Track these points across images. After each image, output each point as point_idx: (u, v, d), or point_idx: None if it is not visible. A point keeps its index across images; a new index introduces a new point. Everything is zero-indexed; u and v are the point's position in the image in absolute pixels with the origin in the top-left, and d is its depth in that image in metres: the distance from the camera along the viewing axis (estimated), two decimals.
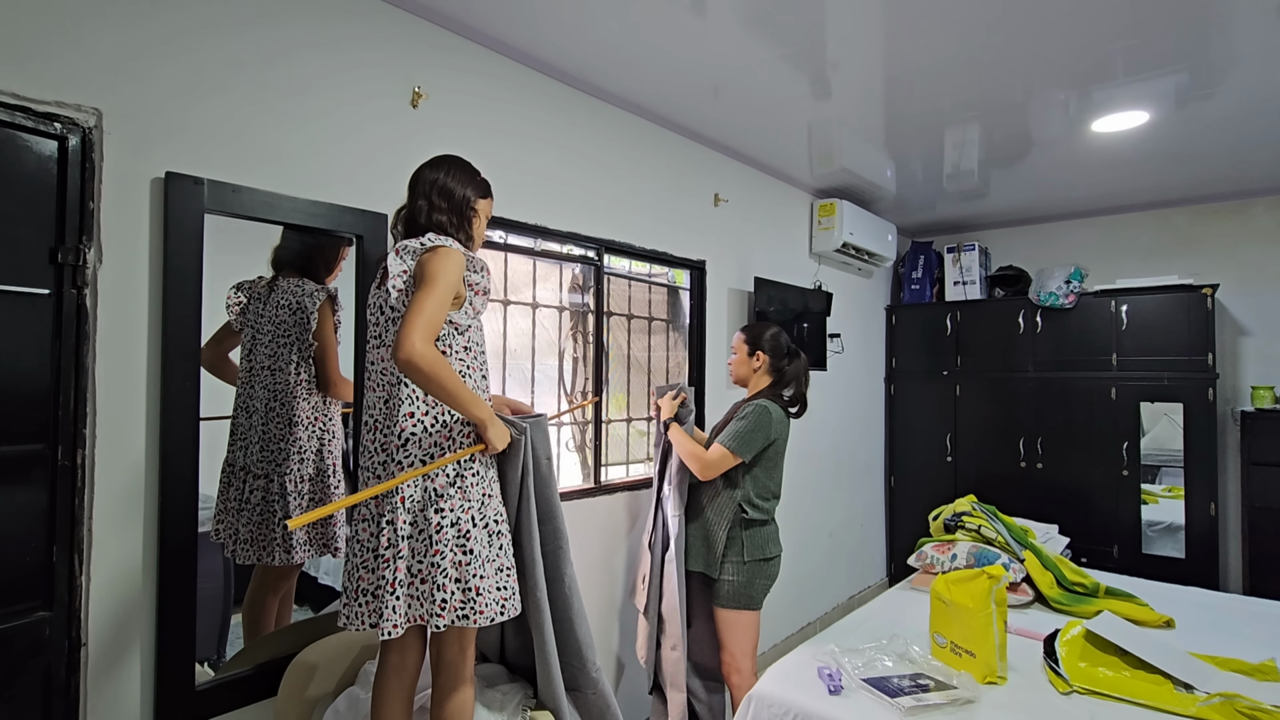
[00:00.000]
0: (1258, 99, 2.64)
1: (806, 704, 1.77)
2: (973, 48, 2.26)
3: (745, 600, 2.33)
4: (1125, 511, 3.92)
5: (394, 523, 1.40)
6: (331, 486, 1.81)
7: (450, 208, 1.54)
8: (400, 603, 1.39)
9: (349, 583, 1.46)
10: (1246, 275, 3.99)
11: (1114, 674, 1.86)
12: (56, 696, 1.38)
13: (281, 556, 1.75)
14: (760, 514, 2.35)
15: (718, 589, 2.35)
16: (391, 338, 1.45)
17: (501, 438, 1.49)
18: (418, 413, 1.44)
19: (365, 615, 1.43)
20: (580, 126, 2.55)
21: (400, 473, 1.43)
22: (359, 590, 1.44)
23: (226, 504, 1.69)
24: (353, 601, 1.44)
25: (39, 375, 1.36)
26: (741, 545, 2.33)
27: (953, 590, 1.95)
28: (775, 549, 2.38)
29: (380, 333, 1.50)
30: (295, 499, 1.74)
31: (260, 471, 1.72)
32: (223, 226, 1.61)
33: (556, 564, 1.71)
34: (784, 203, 3.73)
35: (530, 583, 1.61)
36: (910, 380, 4.75)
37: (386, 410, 1.46)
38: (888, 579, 4.84)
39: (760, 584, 2.34)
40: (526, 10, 2.05)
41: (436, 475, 1.43)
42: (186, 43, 1.57)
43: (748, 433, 2.30)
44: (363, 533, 1.46)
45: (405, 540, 1.41)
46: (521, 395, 2.57)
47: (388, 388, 1.47)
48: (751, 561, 2.32)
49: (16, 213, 1.34)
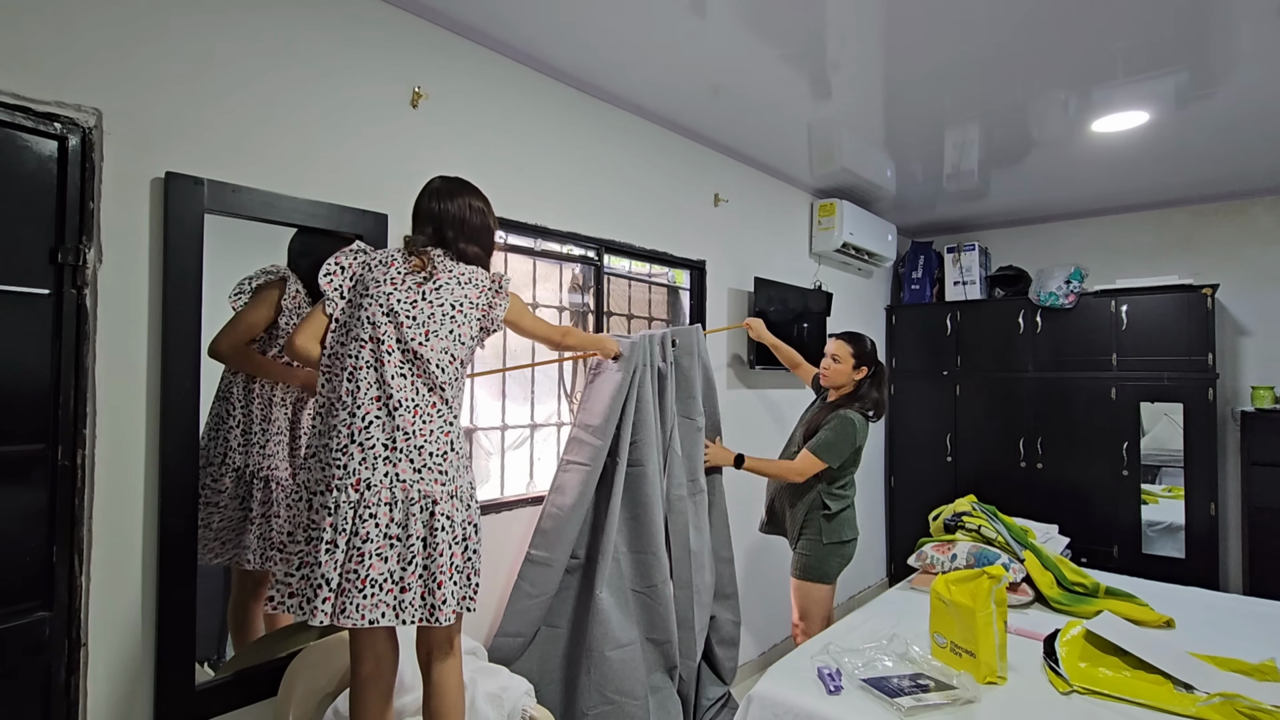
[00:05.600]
0: (1258, 99, 2.64)
1: (806, 704, 1.77)
2: (973, 48, 2.26)
3: (819, 575, 2.58)
4: (1125, 511, 3.92)
5: (435, 515, 1.42)
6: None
7: (483, 249, 1.66)
8: (416, 596, 1.39)
9: (343, 569, 1.36)
10: (1246, 275, 3.99)
11: (1114, 674, 1.86)
12: (56, 696, 1.38)
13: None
14: (839, 502, 2.60)
15: (794, 561, 2.65)
16: (448, 331, 1.51)
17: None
18: (444, 407, 1.51)
19: (373, 607, 1.35)
20: (580, 126, 2.55)
21: (438, 454, 1.45)
22: (367, 580, 1.35)
23: (233, 514, 1.67)
24: (356, 592, 1.35)
25: (39, 375, 1.36)
26: (819, 528, 2.58)
27: (953, 590, 1.94)
28: (850, 533, 2.61)
29: (436, 327, 1.50)
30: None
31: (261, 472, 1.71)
32: (223, 227, 1.61)
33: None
34: (784, 203, 3.73)
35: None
36: (910, 380, 4.75)
37: (426, 396, 1.48)
38: (888, 579, 4.84)
39: (835, 562, 2.59)
40: (527, 10, 2.05)
41: (456, 477, 1.48)
42: (186, 43, 1.57)
43: (834, 443, 2.53)
44: (383, 518, 1.38)
45: (445, 534, 1.42)
46: (521, 395, 2.57)
47: (429, 375, 1.48)
48: (829, 544, 2.57)
49: (16, 213, 1.34)
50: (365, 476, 1.39)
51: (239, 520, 1.68)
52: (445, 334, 1.50)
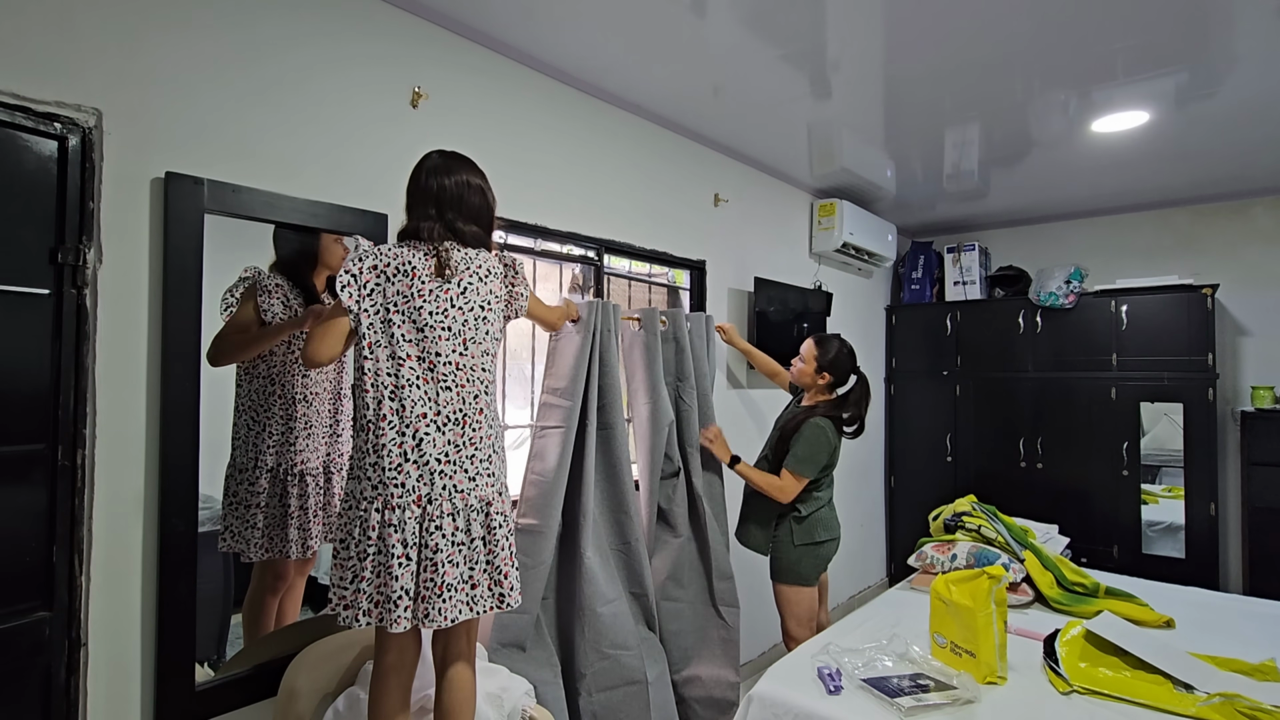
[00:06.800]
0: (1258, 99, 2.64)
1: (806, 704, 1.77)
2: (972, 48, 2.26)
3: (794, 577, 2.56)
4: (1125, 511, 3.92)
5: (491, 515, 1.51)
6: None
7: (483, 228, 1.62)
8: (485, 590, 1.48)
9: (419, 579, 1.42)
10: (1246, 275, 3.99)
11: (1114, 674, 1.86)
12: (56, 696, 1.38)
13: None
14: (811, 505, 2.57)
15: (771, 566, 2.63)
16: (483, 334, 1.55)
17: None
18: (488, 410, 1.57)
19: (452, 608, 1.43)
20: (580, 126, 2.55)
21: (486, 458, 1.53)
22: (444, 585, 1.42)
23: (275, 512, 1.73)
24: (435, 598, 1.41)
25: (39, 375, 1.36)
26: (790, 530, 2.56)
27: (953, 590, 1.94)
28: (825, 534, 2.58)
29: (471, 333, 1.53)
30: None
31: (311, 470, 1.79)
32: (223, 227, 1.61)
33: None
34: (784, 203, 3.73)
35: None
36: (910, 380, 4.75)
37: (472, 405, 1.53)
38: (888, 579, 4.84)
39: (809, 563, 2.56)
40: (527, 10, 2.05)
41: (501, 474, 1.57)
42: (187, 43, 1.57)
43: (810, 456, 2.51)
44: (448, 528, 1.45)
45: (501, 530, 1.52)
46: (521, 395, 2.57)
47: (472, 383, 1.53)
48: (801, 545, 2.55)
49: (16, 213, 1.34)
50: (425, 492, 1.45)
51: (280, 517, 1.74)
52: (481, 337, 1.55)
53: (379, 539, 1.42)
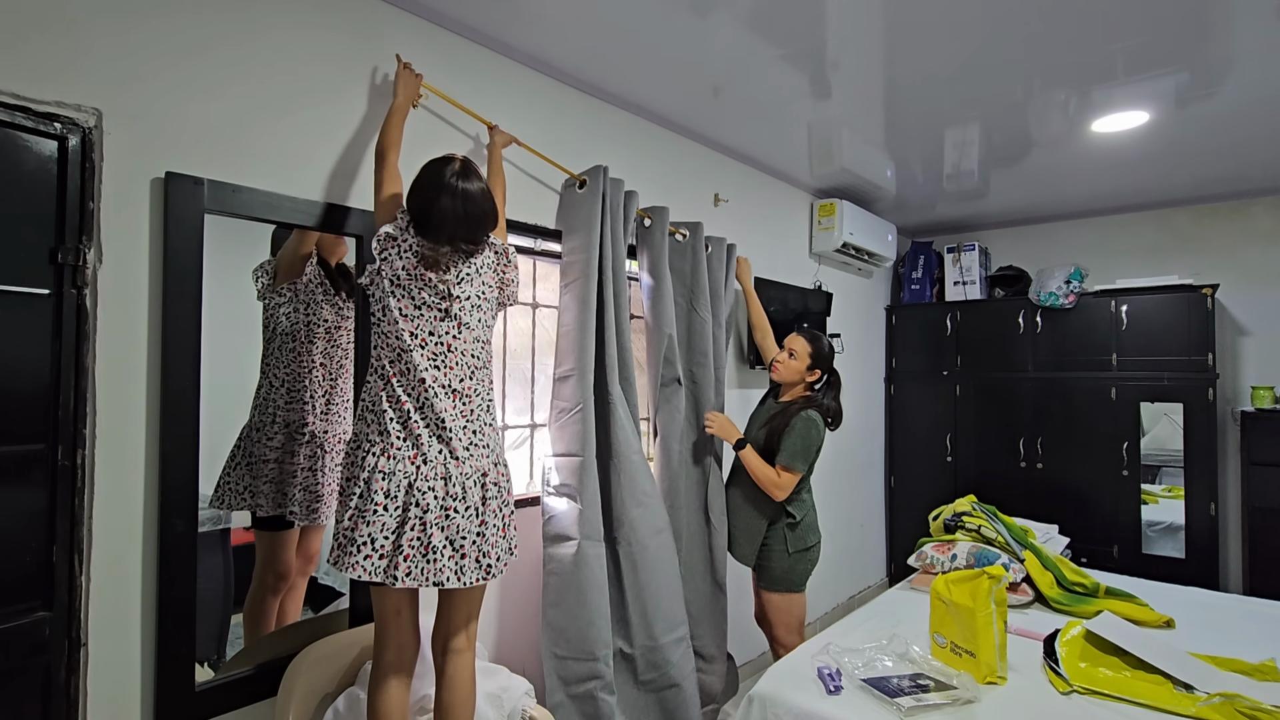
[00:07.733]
0: (1258, 99, 2.64)
1: (806, 704, 1.77)
2: (973, 48, 2.26)
3: (788, 585, 2.56)
4: (1125, 511, 3.92)
5: (486, 486, 1.56)
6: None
7: (493, 228, 1.70)
8: (472, 560, 1.52)
9: (401, 535, 1.46)
10: (1246, 275, 3.99)
11: (1114, 674, 1.86)
12: (56, 696, 1.38)
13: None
14: (802, 509, 2.58)
15: (762, 575, 2.61)
16: (476, 320, 1.62)
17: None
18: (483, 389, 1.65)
19: (436, 571, 1.46)
20: (580, 126, 2.55)
21: (493, 435, 1.62)
22: (429, 546, 1.46)
23: (283, 468, 1.77)
24: (420, 558, 1.46)
25: (39, 375, 1.36)
26: (784, 537, 2.55)
27: (953, 590, 1.95)
28: (814, 537, 2.59)
29: (466, 318, 1.60)
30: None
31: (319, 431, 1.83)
32: (223, 227, 1.61)
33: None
34: (784, 203, 3.73)
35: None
36: (910, 380, 4.75)
37: (474, 384, 1.61)
38: (888, 579, 4.84)
39: (801, 569, 2.56)
40: (527, 10, 2.05)
41: (496, 446, 1.63)
42: (187, 42, 1.56)
43: (804, 448, 2.49)
44: (439, 490, 1.50)
45: (495, 500, 1.58)
46: (522, 395, 2.57)
47: (471, 368, 1.61)
48: (795, 552, 2.54)
49: (16, 213, 1.34)
50: (422, 452, 1.50)
51: (290, 475, 1.79)
52: (475, 323, 1.61)
53: (365, 482, 1.47)
